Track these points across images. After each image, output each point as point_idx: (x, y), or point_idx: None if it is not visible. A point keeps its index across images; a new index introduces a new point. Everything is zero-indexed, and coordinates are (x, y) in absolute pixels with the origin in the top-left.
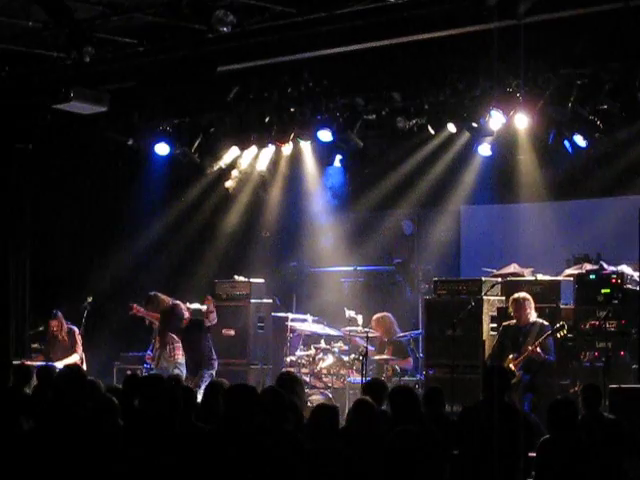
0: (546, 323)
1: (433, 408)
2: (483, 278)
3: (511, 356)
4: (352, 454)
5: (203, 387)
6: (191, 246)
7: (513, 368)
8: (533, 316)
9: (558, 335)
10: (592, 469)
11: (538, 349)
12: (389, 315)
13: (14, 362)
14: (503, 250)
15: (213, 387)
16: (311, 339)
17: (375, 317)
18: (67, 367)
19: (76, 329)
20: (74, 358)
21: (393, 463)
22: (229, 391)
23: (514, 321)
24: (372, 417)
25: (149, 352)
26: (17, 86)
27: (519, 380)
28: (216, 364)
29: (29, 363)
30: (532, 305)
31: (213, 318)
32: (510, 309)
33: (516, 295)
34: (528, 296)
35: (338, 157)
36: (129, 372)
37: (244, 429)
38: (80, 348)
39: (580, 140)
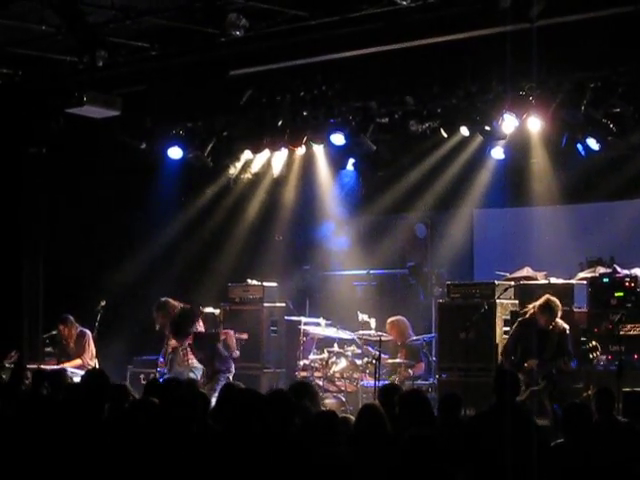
0: (566, 326)
1: (450, 414)
2: (496, 281)
3: (534, 362)
4: (359, 459)
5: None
6: (204, 250)
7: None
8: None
9: (590, 356)
10: (605, 473)
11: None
12: (404, 319)
13: (29, 366)
14: (516, 253)
15: (227, 389)
16: (324, 343)
17: (390, 320)
18: (90, 371)
19: (89, 333)
20: (76, 362)
21: (404, 466)
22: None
23: (528, 317)
24: (380, 422)
25: (161, 358)
26: (30, 90)
27: (544, 386)
28: (232, 367)
29: (42, 367)
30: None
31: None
32: (539, 311)
33: (552, 301)
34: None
35: (351, 160)
36: (142, 376)
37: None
38: (87, 353)
39: (593, 143)
